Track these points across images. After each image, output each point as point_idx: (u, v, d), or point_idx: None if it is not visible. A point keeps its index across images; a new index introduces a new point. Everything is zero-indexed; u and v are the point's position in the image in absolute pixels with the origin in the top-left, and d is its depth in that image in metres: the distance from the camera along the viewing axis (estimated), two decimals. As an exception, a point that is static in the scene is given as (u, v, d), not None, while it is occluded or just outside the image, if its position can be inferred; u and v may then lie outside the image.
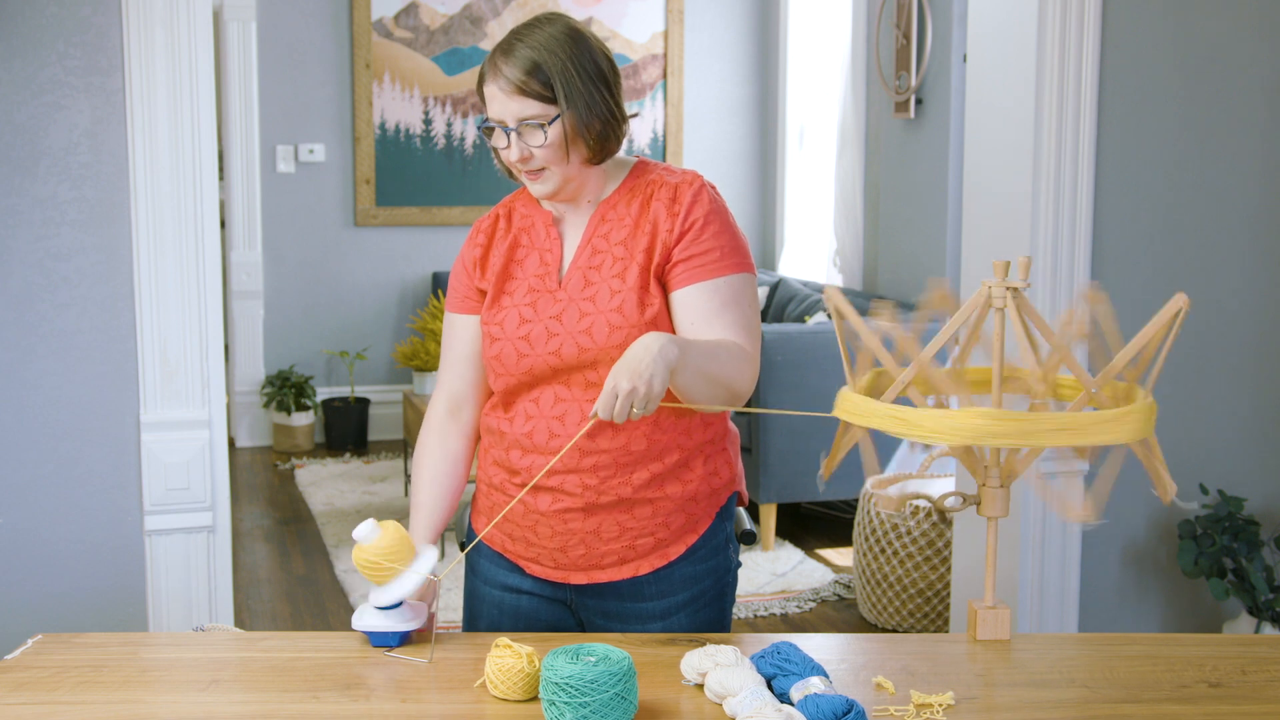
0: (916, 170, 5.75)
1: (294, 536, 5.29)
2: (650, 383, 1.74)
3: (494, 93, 1.92)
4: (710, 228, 1.95)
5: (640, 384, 1.74)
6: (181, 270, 2.71)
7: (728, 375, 1.88)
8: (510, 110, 1.90)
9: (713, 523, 2.04)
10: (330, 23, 6.60)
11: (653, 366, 1.75)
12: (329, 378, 6.84)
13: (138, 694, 1.76)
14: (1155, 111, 3.08)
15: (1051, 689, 1.78)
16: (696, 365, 1.83)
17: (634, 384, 1.74)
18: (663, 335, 1.80)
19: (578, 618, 2.07)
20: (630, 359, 1.77)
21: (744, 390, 1.92)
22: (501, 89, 1.90)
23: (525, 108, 1.90)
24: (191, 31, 2.67)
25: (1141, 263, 3.11)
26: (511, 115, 1.91)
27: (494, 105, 1.92)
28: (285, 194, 6.65)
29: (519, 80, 1.89)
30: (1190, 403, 3.17)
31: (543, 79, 1.89)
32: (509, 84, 1.89)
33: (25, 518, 2.71)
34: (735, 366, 1.90)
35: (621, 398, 1.74)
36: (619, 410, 1.74)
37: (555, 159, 1.93)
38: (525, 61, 1.89)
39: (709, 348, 1.87)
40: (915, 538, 4.07)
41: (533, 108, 1.89)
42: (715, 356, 1.87)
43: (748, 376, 1.92)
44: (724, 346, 1.90)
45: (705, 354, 1.85)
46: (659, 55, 7.05)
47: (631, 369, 1.75)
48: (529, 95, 1.89)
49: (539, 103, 1.89)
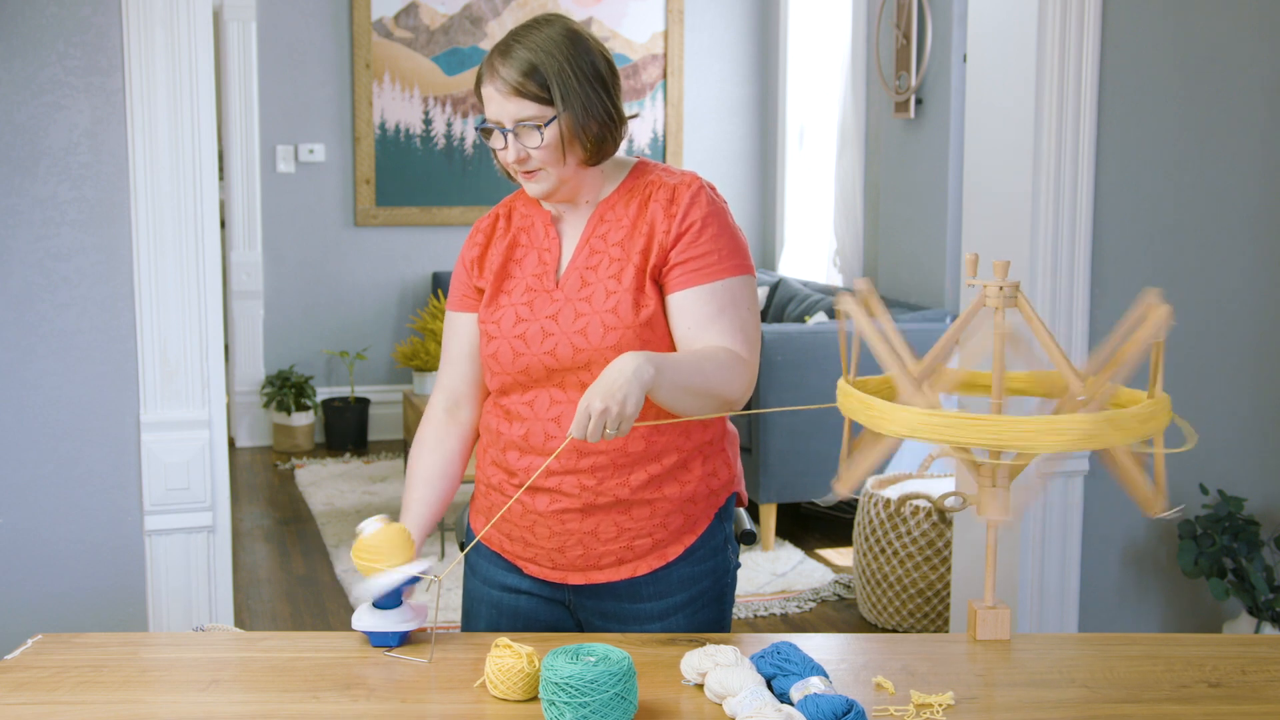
0: (916, 170, 5.75)
1: (294, 536, 5.29)
2: (623, 404, 1.74)
3: (491, 94, 1.92)
4: (708, 230, 1.95)
5: (613, 405, 1.73)
6: (181, 270, 2.71)
7: (714, 386, 1.87)
8: (507, 111, 1.90)
9: (711, 524, 2.04)
10: (330, 23, 6.60)
11: (626, 388, 1.74)
12: (329, 378, 6.84)
13: (138, 694, 1.76)
14: (1155, 111, 3.08)
15: (1051, 689, 1.78)
16: (675, 381, 1.82)
17: (606, 404, 1.73)
18: (639, 355, 1.78)
19: (576, 618, 2.07)
20: (604, 380, 1.76)
21: (736, 397, 1.91)
22: (498, 90, 1.90)
23: (522, 109, 1.90)
24: (191, 31, 2.67)
25: (1141, 263, 3.11)
26: (508, 116, 1.91)
27: (491, 106, 1.92)
28: (285, 194, 6.65)
29: (515, 82, 1.89)
30: (1190, 403, 3.17)
31: (540, 81, 1.89)
32: (506, 85, 1.89)
33: (25, 518, 2.71)
34: (723, 376, 1.88)
35: (594, 418, 1.73)
36: (591, 430, 1.74)
37: (551, 160, 1.93)
38: (522, 63, 1.89)
39: (692, 361, 1.86)
40: (915, 538, 4.07)
41: (529, 109, 1.89)
42: (699, 369, 1.86)
43: (739, 384, 1.91)
44: (710, 357, 1.88)
45: (687, 369, 1.84)
46: (659, 55, 7.05)
47: (605, 390, 1.74)
48: (525, 97, 1.89)
49: (535, 104, 1.89)
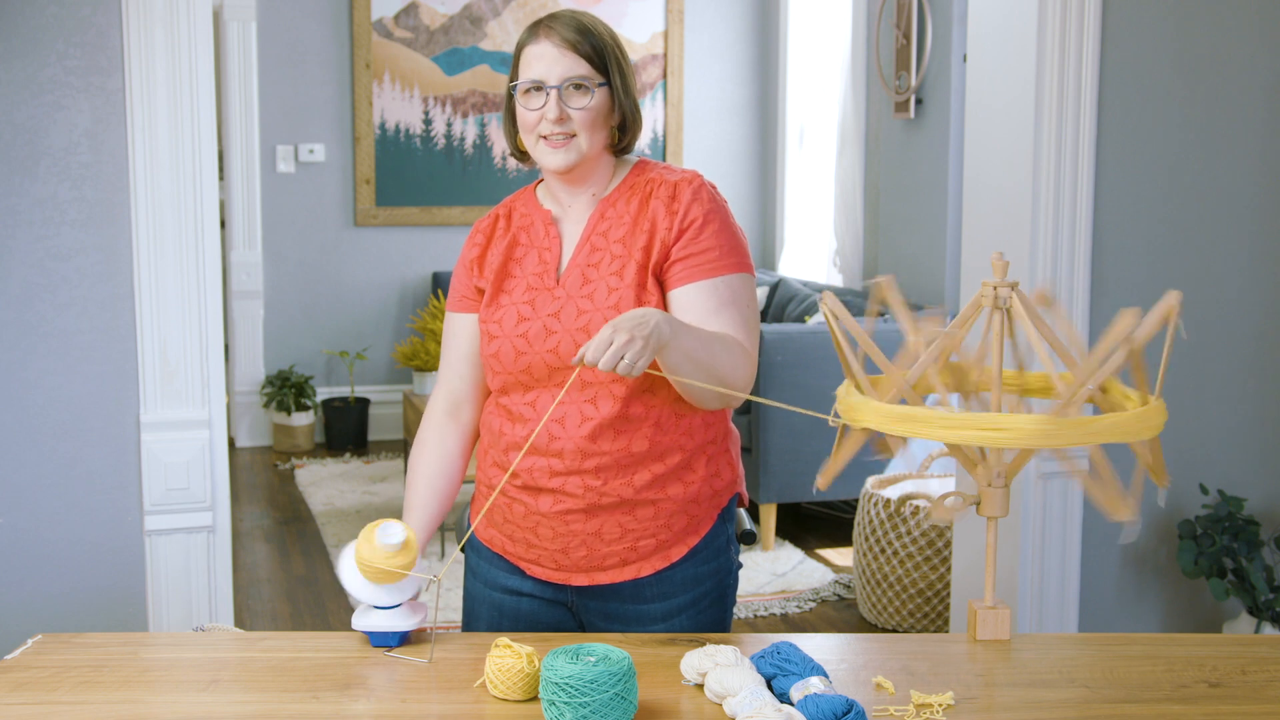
0: (916, 170, 5.75)
1: (294, 536, 5.29)
2: (646, 340, 1.74)
3: (543, 51, 1.94)
4: (709, 227, 1.96)
5: (639, 338, 1.74)
6: (181, 270, 2.71)
7: (719, 366, 1.88)
8: (561, 68, 1.93)
9: (714, 524, 2.04)
10: (330, 23, 6.60)
11: (654, 330, 1.76)
12: (329, 378, 6.84)
13: (138, 694, 1.75)
14: (1155, 111, 3.08)
15: (1051, 689, 1.78)
16: (688, 349, 1.83)
17: (632, 335, 1.74)
18: (660, 312, 1.81)
19: (579, 620, 2.06)
20: (633, 315, 1.77)
21: (739, 384, 1.92)
22: (555, 45, 1.94)
23: (576, 66, 1.93)
24: (191, 31, 2.67)
25: (1141, 263, 3.11)
26: (560, 74, 1.93)
27: (540, 65, 1.94)
28: (285, 194, 6.65)
29: (574, 40, 1.94)
30: (1190, 403, 3.17)
31: (595, 44, 1.95)
32: (564, 41, 1.93)
33: (25, 518, 2.71)
34: (729, 359, 1.90)
35: (616, 345, 1.73)
36: (608, 357, 1.73)
37: (589, 125, 1.95)
38: (581, 26, 1.95)
39: (705, 336, 1.88)
40: (915, 538, 4.07)
41: (583, 68, 1.94)
42: (709, 346, 1.87)
43: (742, 373, 1.92)
44: (719, 338, 1.90)
45: (699, 340, 1.86)
46: (659, 55, 7.05)
47: (634, 323, 1.76)
48: (581, 55, 1.94)
49: (589, 65, 1.94)
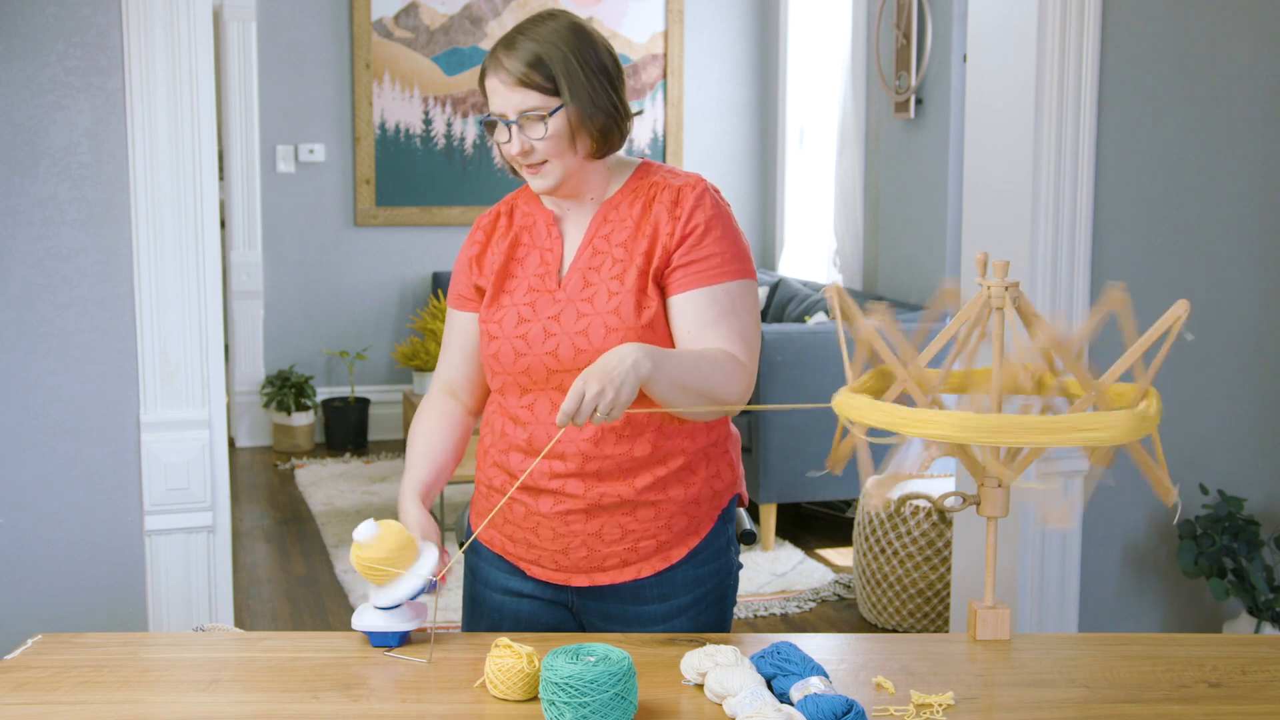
0: (916, 170, 5.75)
1: (294, 536, 5.29)
2: (619, 390, 1.73)
3: (495, 85, 1.92)
4: (712, 233, 1.95)
5: (610, 389, 1.73)
6: (181, 270, 2.71)
7: (710, 386, 1.87)
8: (512, 102, 1.91)
9: (715, 525, 2.04)
10: (330, 23, 6.60)
11: (624, 376, 1.74)
12: (329, 378, 6.84)
13: (138, 694, 1.75)
14: (1155, 111, 3.08)
15: (1051, 689, 1.78)
16: (672, 378, 1.82)
17: (602, 387, 1.73)
18: (639, 347, 1.79)
19: (579, 621, 2.06)
20: (603, 364, 1.76)
21: (732, 400, 1.90)
22: (503, 81, 1.91)
23: (526, 99, 1.90)
24: (191, 31, 2.67)
25: (1141, 263, 3.11)
26: (513, 108, 1.91)
27: (496, 99, 1.93)
28: (285, 194, 6.65)
29: (520, 73, 1.89)
30: (1190, 403, 3.17)
31: (545, 72, 1.89)
32: (510, 76, 1.90)
33: (25, 518, 2.71)
34: (720, 378, 1.88)
35: (589, 399, 1.73)
36: (583, 411, 1.73)
37: (556, 151, 1.93)
38: (527, 54, 1.90)
39: (690, 360, 1.86)
40: (915, 538, 4.07)
41: (534, 99, 1.90)
42: (696, 369, 1.86)
43: (736, 388, 1.90)
44: (709, 358, 1.88)
45: (684, 367, 1.84)
46: (659, 55, 7.05)
47: (603, 373, 1.74)
48: (530, 87, 1.89)
49: (540, 94, 1.90)
